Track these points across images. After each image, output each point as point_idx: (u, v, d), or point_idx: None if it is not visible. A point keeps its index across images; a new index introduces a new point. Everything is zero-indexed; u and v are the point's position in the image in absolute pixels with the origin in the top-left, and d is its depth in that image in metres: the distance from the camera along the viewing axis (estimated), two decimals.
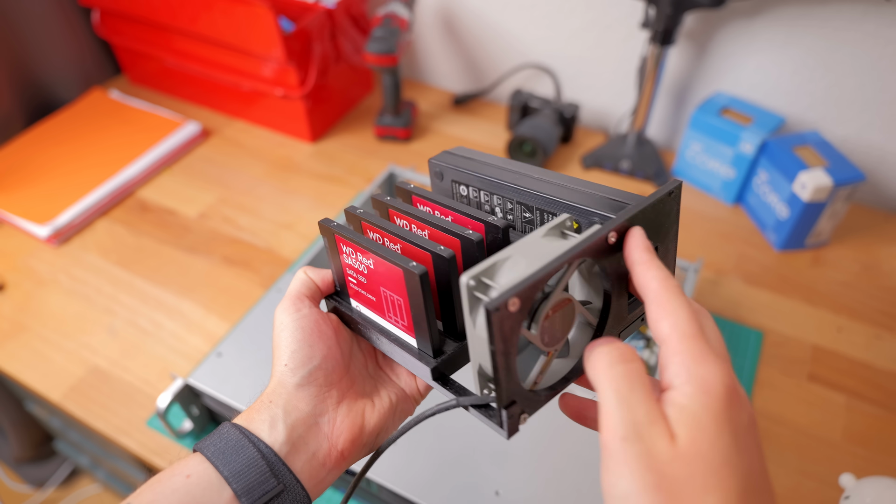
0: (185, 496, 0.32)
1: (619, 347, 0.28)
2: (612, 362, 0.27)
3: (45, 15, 1.08)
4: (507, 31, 1.09)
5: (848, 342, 0.77)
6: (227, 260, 0.88)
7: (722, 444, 0.24)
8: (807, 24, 0.87)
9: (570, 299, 0.31)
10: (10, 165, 1.00)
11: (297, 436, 0.35)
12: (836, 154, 0.84)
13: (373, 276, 0.37)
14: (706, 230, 0.92)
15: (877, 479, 0.58)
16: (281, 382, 0.37)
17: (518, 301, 0.27)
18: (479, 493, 0.56)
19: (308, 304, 0.39)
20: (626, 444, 0.25)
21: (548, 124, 0.99)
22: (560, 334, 0.31)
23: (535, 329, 0.30)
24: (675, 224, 0.33)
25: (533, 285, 0.27)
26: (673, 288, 0.28)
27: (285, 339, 0.38)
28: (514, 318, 0.27)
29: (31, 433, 1.21)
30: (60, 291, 0.85)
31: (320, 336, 0.38)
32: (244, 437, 0.34)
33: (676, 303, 0.27)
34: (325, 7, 1.00)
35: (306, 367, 0.37)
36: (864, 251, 0.88)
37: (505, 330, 0.27)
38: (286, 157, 1.05)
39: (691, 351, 0.26)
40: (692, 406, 0.25)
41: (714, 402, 0.25)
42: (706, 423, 0.25)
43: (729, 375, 0.26)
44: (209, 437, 0.35)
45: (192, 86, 1.13)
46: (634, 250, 0.29)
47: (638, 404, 0.25)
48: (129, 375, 0.75)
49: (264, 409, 0.36)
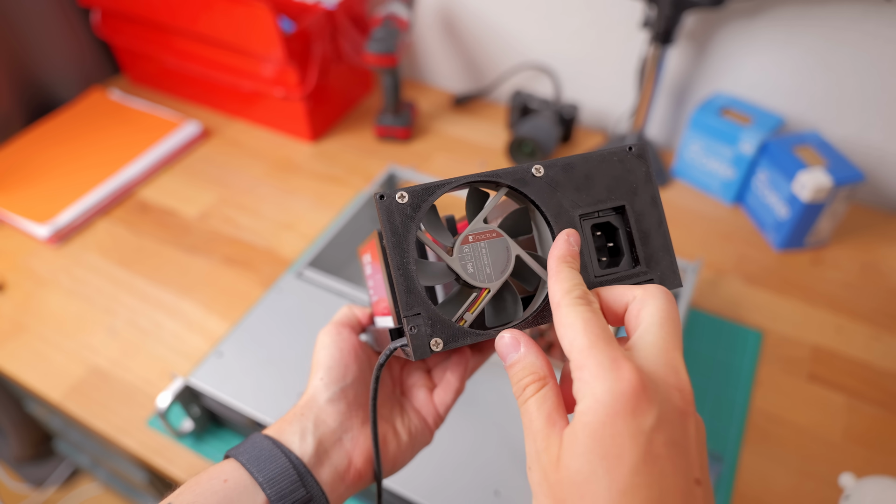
0: (223, 499, 0.34)
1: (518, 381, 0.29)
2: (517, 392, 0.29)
3: (45, 15, 1.08)
4: (507, 31, 1.09)
5: (848, 342, 0.77)
6: (228, 260, 0.88)
7: (592, 464, 0.24)
8: (806, 24, 0.87)
9: (499, 234, 0.32)
10: (10, 165, 1.00)
11: (323, 450, 0.38)
12: (835, 154, 0.84)
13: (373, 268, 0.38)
14: (706, 230, 0.92)
15: (877, 478, 0.58)
16: (314, 397, 0.39)
17: (406, 195, 0.29)
18: (479, 493, 0.56)
19: (348, 331, 0.42)
20: (531, 473, 0.27)
21: (547, 124, 0.99)
22: (490, 270, 0.31)
23: (456, 252, 0.31)
24: (646, 186, 0.33)
25: (424, 188, 0.30)
26: (570, 300, 0.28)
27: (323, 357, 0.40)
28: (401, 210, 0.29)
29: (31, 433, 1.21)
30: (60, 291, 0.85)
31: (355, 359, 0.41)
32: (276, 447, 0.36)
33: (571, 316, 0.28)
34: (325, 8, 1.00)
35: (339, 384, 0.40)
36: (863, 251, 0.88)
37: (394, 221, 0.29)
38: (286, 157, 1.05)
39: (586, 364, 0.26)
40: (575, 425, 0.26)
41: (594, 418, 0.25)
42: (580, 441, 0.25)
43: (621, 381, 0.25)
44: (242, 445, 0.37)
45: (192, 86, 1.13)
46: (550, 258, 0.30)
47: (537, 432, 0.27)
48: (129, 375, 0.75)
49: (296, 420, 0.38)
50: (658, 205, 0.33)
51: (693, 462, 0.25)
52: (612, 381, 0.25)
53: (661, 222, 0.33)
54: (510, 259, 0.32)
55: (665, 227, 0.33)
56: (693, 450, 0.25)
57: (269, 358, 0.67)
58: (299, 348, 0.68)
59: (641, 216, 0.33)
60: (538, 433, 0.27)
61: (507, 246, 0.32)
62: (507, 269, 0.32)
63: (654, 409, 0.25)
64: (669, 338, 0.27)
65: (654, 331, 0.27)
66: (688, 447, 0.25)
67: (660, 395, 0.25)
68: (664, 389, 0.25)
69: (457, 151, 1.06)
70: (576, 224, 0.32)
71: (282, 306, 0.72)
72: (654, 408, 0.25)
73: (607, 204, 0.32)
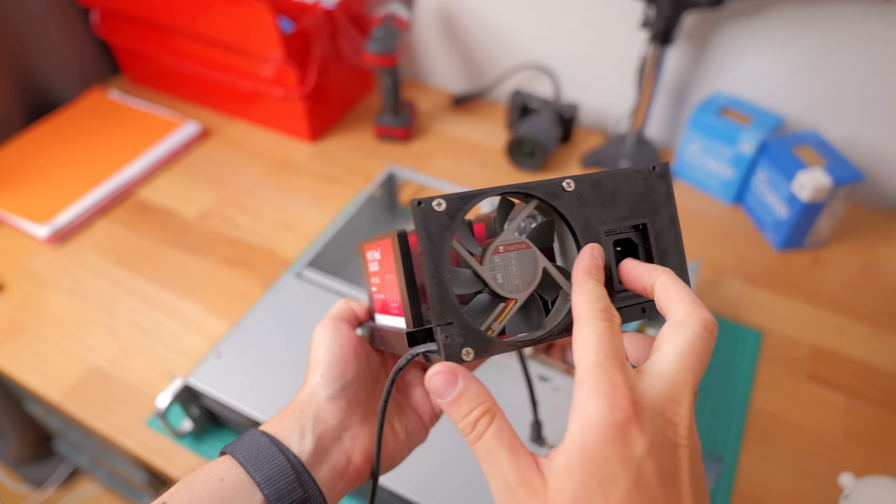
0: (219, 499, 0.33)
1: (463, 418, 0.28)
2: (464, 434, 0.28)
3: (45, 15, 1.08)
4: (506, 31, 1.09)
5: (847, 342, 0.77)
6: (227, 260, 0.88)
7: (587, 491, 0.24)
8: (806, 23, 0.87)
9: (528, 245, 0.32)
10: (10, 165, 1.00)
11: (322, 448, 0.37)
12: (835, 154, 0.84)
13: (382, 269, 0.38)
14: (705, 230, 0.92)
15: (876, 478, 0.58)
16: (313, 393, 0.39)
17: (444, 202, 0.29)
18: (479, 493, 0.56)
19: (346, 327, 0.41)
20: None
21: (547, 124, 0.99)
22: (518, 281, 0.31)
23: (487, 262, 0.31)
24: (667, 205, 0.34)
25: (461, 197, 0.30)
26: (591, 313, 0.28)
27: (323, 353, 0.40)
28: (440, 219, 0.29)
29: (31, 433, 1.21)
30: (60, 291, 0.85)
31: (355, 355, 0.40)
32: (274, 445, 0.36)
33: (588, 330, 0.27)
34: (324, 7, 1.00)
35: (340, 381, 0.39)
36: (863, 251, 0.88)
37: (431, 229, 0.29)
38: (286, 157, 1.05)
39: (586, 383, 0.26)
40: (567, 447, 0.25)
41: (589, 442, 0.25)
42: (573, 467, 0.25)
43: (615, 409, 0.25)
44: (238, 442, 0.36)
45: (191, 86, 1.13)
46: (575, 270, 0.30)
47: (505, 469, 0.26)
48: (128, 375, 0.75)
49: (294, 417, 0.38)
50: (676, 225, 0.34)
51: (684, 492, 0.25)
52: (605, 407, 0.25)
53: (678, 241, 0.34)
54: (538, 271, 0.32)
55: (681, 246, 0.34)
56: (685, 480, 0.26)
57: (269, 358, 0.67)
58: (299, 348, 0.68)
59: (660, 234, 0.33)
60: (506, 468, 0.26)
61: (536, 258, 0.32)
62: (534, 280, 0.32)
63: (644, 438, 0.25)
64: (685, 371, 0.27)
65: (671, 362, 0.27)
66: (678, 477, 0.25)
67: (652, 426, 0.25)
68: (659, 421, 0.26)
69: (456, 151, 1.06)
70: (601, 239, 0.32)
71: (281, 306, 0.72)
72: (646, 438, 0.25)
73: (630, 221, 0.33)
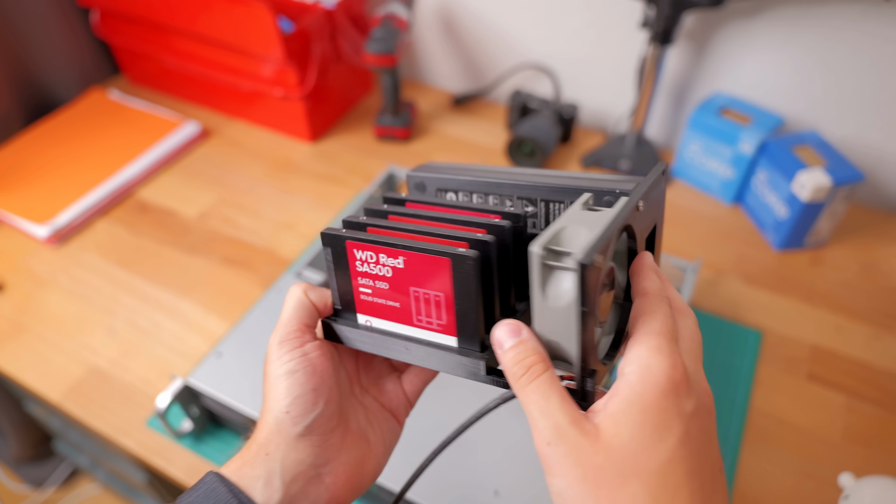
0: None
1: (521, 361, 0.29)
2: (516, 377, 0.29)
3: (44, 15, 1.08)
4: (506, 31, 1.09)
5: (847, 342, 0.77)
6: (227, 260, 0.88)
7: (644, 432, 0.26)
8: (806, 24, 0.87)
9: (614, 268, 0.32)
10: (9, 165, 1.00)
11: (295, 490, 0.33)
12: (834, 154, 0.84)
13: (400, 278, 0.34)
14: (705, 230, 0.92)
15: (876, 478, 0.58)
16: (279, 431, 0.33)
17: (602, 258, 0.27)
18: (479, 493, 0.56)
19: (310, 338, 0.35)
20: (552, 448, 0.27)
21: (547, 124, 0.99)
22: (605, 303, 0.31)
23: None
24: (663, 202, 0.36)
25: (607, 244, 0.27)
26: (660, 295, 0.30)
27: (287, 384, 0.33)
28: (599, 276, 0.27)
29: (31, 433, 1.21)
30: (60, 292, 0.85)
31: (323, 378, 0.34)
32: (233, 496, 0.31)
33: (657, 305, 0.30)
34: (324, 7, 1.00)
35: (310, 414, 0.33)
36: (863, 251, 0.88)
37: (592, 289, 0.26)
38: (286, 157, 1.05)
39: (648, 343, 0.28)
40: (626, 394, 0.27)
41: (649, 390, 0.26)
42: (632, 411, 0.26)
43: (675, 368, 0.27)
44: (193, 492, 0.32)
45: (191, 86, 1.13)
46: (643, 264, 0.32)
47: (556, 410, 0.27)
48: (128, 375, 0.75)
49: (259, 462, 0.33)
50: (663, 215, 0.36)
51: (716, 452, 0.28)
52: (667, 365, 0.27)
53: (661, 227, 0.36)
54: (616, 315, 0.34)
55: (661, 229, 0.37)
56: (716, 443, 0.28)
57: None
58: None
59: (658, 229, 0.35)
60: (557, 409, 0.27)
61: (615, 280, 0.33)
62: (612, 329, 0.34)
63: (692, 399, 0.27)
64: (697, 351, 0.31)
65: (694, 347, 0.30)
66: (713, 439, 0.28)
67: (697, 391, 0.28)
68: (698, 389, 0.28)
69: (456, 151, 1.06)
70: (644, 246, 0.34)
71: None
72: (693, 399, 0.27)
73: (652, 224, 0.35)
